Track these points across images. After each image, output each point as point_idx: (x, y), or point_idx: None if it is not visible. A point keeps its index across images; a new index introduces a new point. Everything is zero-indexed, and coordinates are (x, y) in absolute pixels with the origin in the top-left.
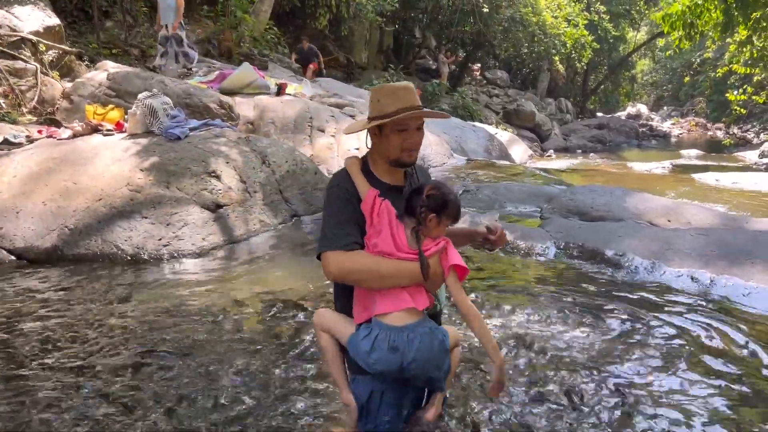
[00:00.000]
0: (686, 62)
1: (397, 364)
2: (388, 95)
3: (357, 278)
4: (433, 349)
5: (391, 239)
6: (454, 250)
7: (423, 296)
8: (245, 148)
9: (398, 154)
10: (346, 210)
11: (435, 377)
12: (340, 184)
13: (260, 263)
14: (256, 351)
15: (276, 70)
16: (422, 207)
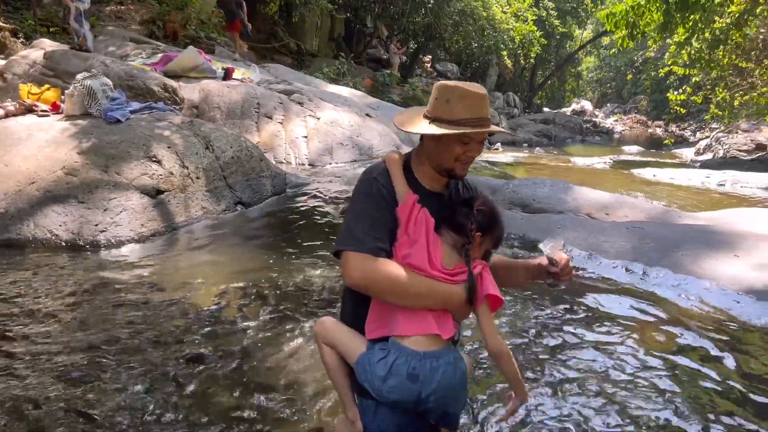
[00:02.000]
0: (629, 61)
1: (415, 394)
2: (462, 99)
3: (382, 290)
4: (455, 381)
5: (426, 253)
6: (490, 277)
7: (449, 323)
8: (188, 133)
9: (453, 164)
10: (381, 210)
11: (452, 412)
12: (378, 179)
13: (201, 251)
14: (191, 342)
15: (223, 54)
16: (473, 223)
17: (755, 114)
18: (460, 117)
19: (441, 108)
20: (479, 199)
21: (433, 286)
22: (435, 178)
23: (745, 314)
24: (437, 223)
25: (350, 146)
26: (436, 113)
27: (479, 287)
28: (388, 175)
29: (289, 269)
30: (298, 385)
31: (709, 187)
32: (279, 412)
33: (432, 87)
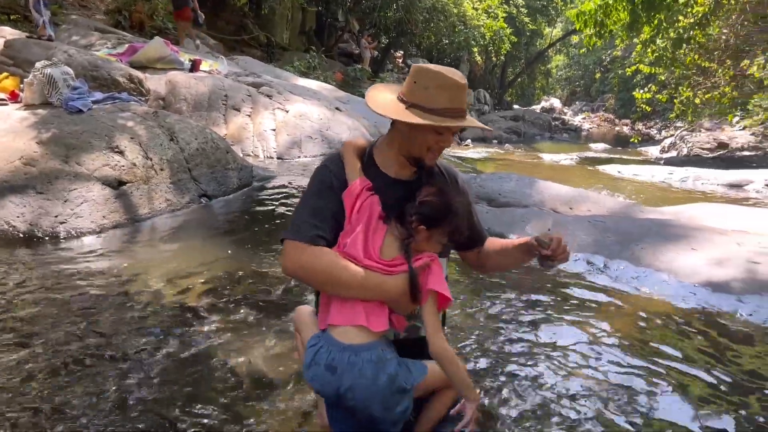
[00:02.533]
0: (598, 60)
1: (334, 387)
2: (440, 88)
3: (311, 279)
4: (376, 382)
5: (361, 242)
6: (439, 272)
7: (382, 317)
8: (152, 124)
9: (423, 153)
10: (325, 197)
11: (379, 418)
12: (328, 166)
13: (164, 244)
14: (152, 335)
15: (190, 45)
16: (413, 215)
17: (717, 113)
18: (439, 106)
19: (419, 94)
20: (428, 190)
21: (366, 276)
22: (404, 165)
23: (701, 306)
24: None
25: (319, 140)
26: (413, 99)
27: (421, 282)
28: (341, 163)
29: (255, 261)
30: (262, 378)
31: (672, 184)
32: (243, 407)
33: (402, 82)
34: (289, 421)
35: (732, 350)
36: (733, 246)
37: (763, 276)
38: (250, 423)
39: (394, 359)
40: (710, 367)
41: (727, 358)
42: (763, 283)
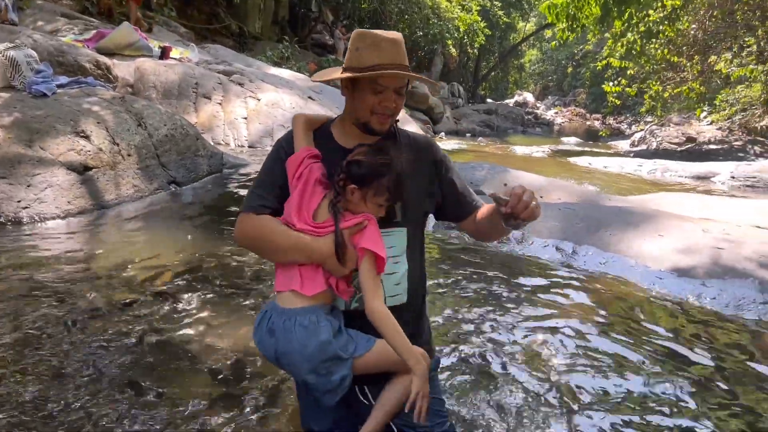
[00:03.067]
0: (570, 54)
1: (272, 350)
2: (370, 46)
3: (254, 246)
4: (306, 347)
5: (295, 206)
6: (374, 231)
7: (316, 280)
8: (119, 109)
9: (368, 117)
10: (272, 170)
11: (312, 384)
12: (281, 141)
13: (131, 230)
14: (119, 323)
15: (161, 33)
16: (340, 174)
17: (686, 108)
18: (367, 64)
19: (353, 57)
20: (360, 149)
21: (296, 239)
22: (359, 136)
23: (666, 290)
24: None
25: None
26: (348, 63)
27: (355, 241)
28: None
29: (224, 247)
30: (232, 363)
31: (641, 175)
32: (214, 393)
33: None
34: (270, 400)
35: (695, 331)
36: (698, 233)
37: (726, 261)
38: (227, 404)
39: (328, 326)
40: (672, 347)
41: (689, 339)
42: (726, 268)
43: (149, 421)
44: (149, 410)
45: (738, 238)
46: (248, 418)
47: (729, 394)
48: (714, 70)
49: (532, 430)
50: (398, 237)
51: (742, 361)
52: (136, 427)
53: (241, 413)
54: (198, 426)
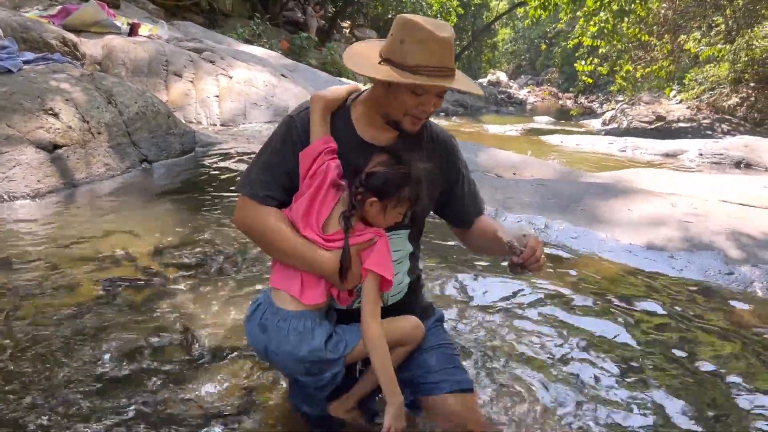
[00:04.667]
0: (543, 33)
1: (262, 345)
2: (419, 42)
3: (254, 239)
4: (297, 352)
5: (304, 210)
6: (384, 251)
7: (317, 290)
8: (88, 86)
9: (401, 117)
10: (282, 153)
11: (304, 382)
12: (294, 119)
13: (103, 208)
14: (94, 304)
15: (129, 9)
16: (359, 187)
17: (656, 87)
18: (414, 63)
19: (394, 49)
20: (379, 157)
21: (301, 247)
22: (381, 127)
23: (636, 262)
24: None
25: (265, 107)
26: (388, 53)
27: (362, 259)
28: (308, 116)
29: (197, 225)
30: (219, 346)
31: (612, 153)
32: (200, 376)
33: None
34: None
35: (664, 302)
36: (667, 207)
37: (694, 234)
38: (211, 387)
39: (322, 332)
40: (639, 317)
41: (658, 310)
42: (693, 240)
43: (130, 408)
44: (125, 395)
45: (705, 212)
46: (238, 398)
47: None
48: (683, 50)
49: (498, 406)
50: (403, 239)
51: (710, 327)
52: (111, 418)
53: (229, 395)
54: (186, 408)
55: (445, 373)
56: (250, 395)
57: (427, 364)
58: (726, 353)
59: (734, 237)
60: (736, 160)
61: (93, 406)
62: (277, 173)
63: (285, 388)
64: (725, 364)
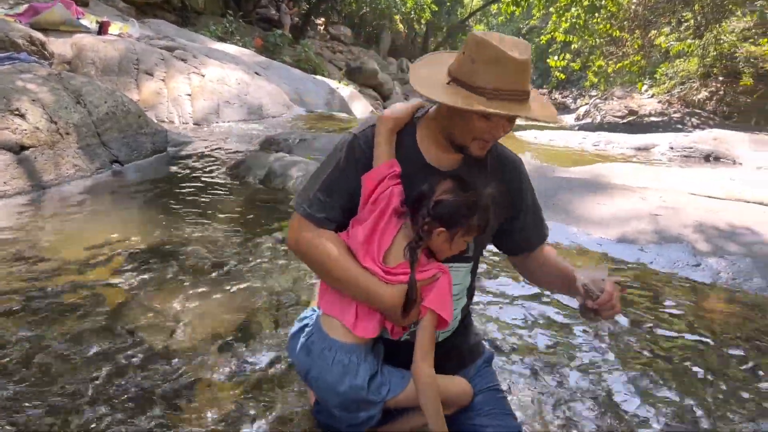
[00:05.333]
0: (516, 30)
1: (304, 368)
2: (490, 63)
3: (307, 262)
4: (338, 386)
5: (364, 238)
6: (445, 289)
7: (371, 323)
8: (56, 86)
9: (468, 141)
10: (345, 173)
11: (338, 416)
12: (358, 138)
13: (72, 211)
14: (64, 309)
15: (98, 6)
16: (426, 216)
17: (628, 82)
18: (486, 86)
19: (465, 68)
20: (445, 185)
21: (362, 279)
22: (444, 150)
23: (608, 255)
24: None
25: (238, 105)
26: (458, 74)
27: (422, 296)
28: (372, 137)
29: (170, 228)
30: (186, 354)
31: (585, 148)
32: (168, 388)
33: (325, 50)
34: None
35: (634, 294)
36: (638, 201)
37: (664, 227)
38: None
39: (367, 369)
40: None
41: (629, 303)
42: (663, 233)
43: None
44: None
45: (674, 205)
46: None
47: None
48: (654, 45)
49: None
50: (464, 273)
51: (676, 317)
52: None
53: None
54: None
55: (494, 418)
56: (248, 405)
57: (475, 407)
58: (690, 343)
59: (702, 230)
60: (706, 154)
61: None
62: (337, 194)
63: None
64: (690, 353)
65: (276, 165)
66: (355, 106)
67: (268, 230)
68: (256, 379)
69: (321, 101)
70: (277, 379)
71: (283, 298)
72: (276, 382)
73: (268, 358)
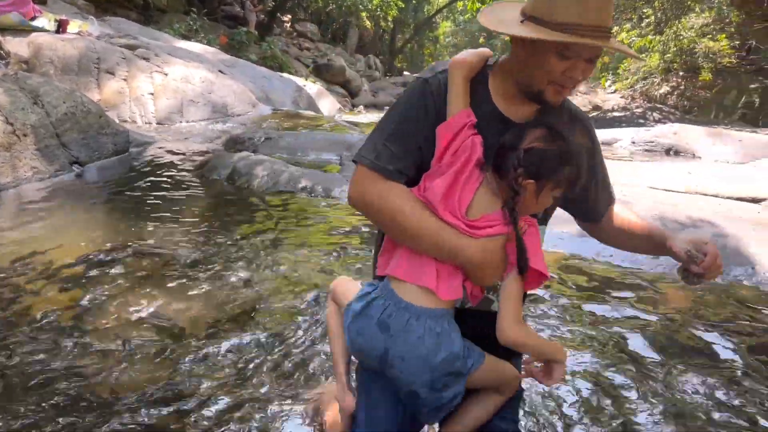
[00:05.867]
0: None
1: (380, 347)
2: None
3: (376, 218)
4: (433, 358)
5: (445, 190)
6: (536, 242)
7: (455, 282)
8: (12, 87)
9: (544, 85)
10: (415, 123)
11: (424, 398)
12: (430, 84)
13: (31, 213)
14: (27, 314)
15: (57, 4)
16: (518, 167)
17: (591, 77)
18: (565, 21)
19: (541, 4)
20: (534, 132)
21: (441, 232)
22: (517, 100)
23: (568, 250)
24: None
25: (202, 104)
26: (534, 11)
27: (508, 249)
28: (444, 84)
29: (134, 230)
30: (153, 355)
31: None
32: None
33: (291, 47)
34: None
35: (592, 286)
36: None
37: None
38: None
39: (459, 336)
40: (569, 300)
41: (590, 295)
42: None
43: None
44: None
45: (634, 199)
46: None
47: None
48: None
49: None
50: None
51: (635, 309)
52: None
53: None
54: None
55: (508, 423)
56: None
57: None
58: (649, 333)
59: (660, 222)
60: (666, 147)
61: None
62: (410, 145)
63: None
64: (648, 342)
65: (240, 164)
66: (322, 104)
67: (234, 229)
68: (234, 375)
69: (288, 99)
70: (259, 375)
71: (255, 292)
72: (258, 378)
73: (245, 354)
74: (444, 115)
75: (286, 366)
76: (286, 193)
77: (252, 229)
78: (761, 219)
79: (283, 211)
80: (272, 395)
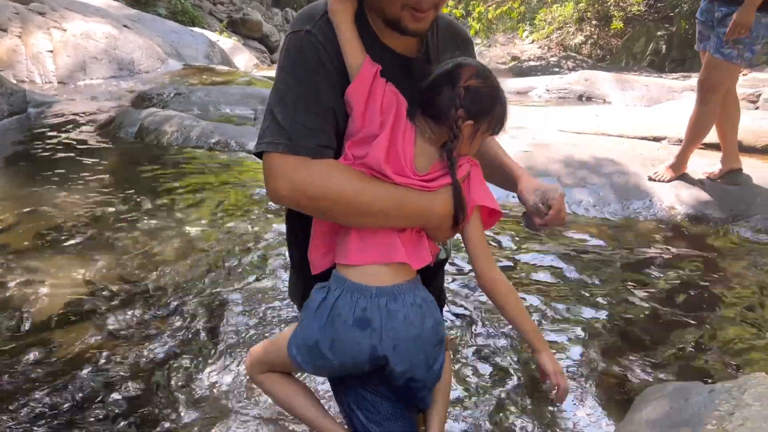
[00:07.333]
0: None
1: (367, 350)
2: None
3: (327, 209)
4: (423, 332)
5: (389, 152)
6: (481, 180)
7: (424, 248)
8: None
9: (397, 12)
10: (317, 84)
11: (422, 380)
12: (315, 35)
13: None
14: None
15: None
16: (457, 106)
17: (510, 28)
18: None
19: None
20: (467, 68)
21: (404, 198)
22: (395, 34)
23: None
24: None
25: (107, 61)
26: None
27: (466, 196)
28: (331, 30)
29: (37, 196)
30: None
31: None
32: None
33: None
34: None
35: (503, 228)
36: (508, 140)
37: (533, 164)
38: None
39: (431, 301)
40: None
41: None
42: (532, 169)
43: None
44: None
45: (544, 143)
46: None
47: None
48: None
49: None
50: None
51: (540, 244)
52: None
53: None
54: None
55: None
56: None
57: None
58: (558, 268)
59: (569, 163)
60: (579, 94)
61: None
62: (321, 111)
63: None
64: (556, 275)
65: (148, 120)
66: (238, 60)
67: (142, 189)
68: (130, 342)
69: (200, 55)
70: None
71: (160, 258)
72: (160, 341)
73: (148, 325)
74: (343, 66)
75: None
76: (198, 149)
77: (163, 188)
78: (660, 156)
79: (195, 168)
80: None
